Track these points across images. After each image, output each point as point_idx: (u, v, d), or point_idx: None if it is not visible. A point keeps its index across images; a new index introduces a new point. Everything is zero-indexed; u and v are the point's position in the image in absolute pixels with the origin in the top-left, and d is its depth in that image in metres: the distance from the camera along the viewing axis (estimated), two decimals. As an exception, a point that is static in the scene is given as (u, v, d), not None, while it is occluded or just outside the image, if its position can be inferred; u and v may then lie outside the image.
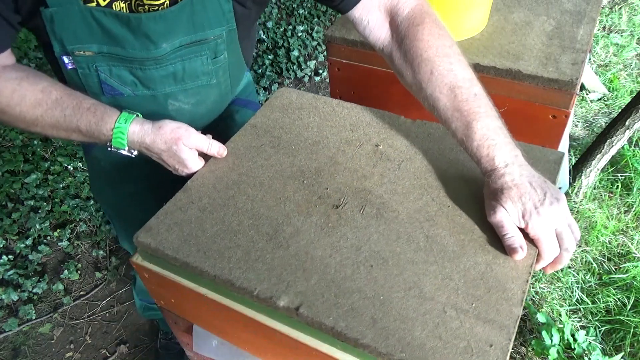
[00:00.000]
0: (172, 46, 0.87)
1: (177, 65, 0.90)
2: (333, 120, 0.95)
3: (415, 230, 0.74)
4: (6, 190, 2.00)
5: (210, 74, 0.95)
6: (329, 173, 0.84)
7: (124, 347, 1.83)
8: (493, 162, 0.71)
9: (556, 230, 0.68)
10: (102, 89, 0.90)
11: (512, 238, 0.68)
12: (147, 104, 0.94)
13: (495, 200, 0.70)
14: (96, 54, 0.85)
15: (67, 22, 0.80)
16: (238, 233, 0.76)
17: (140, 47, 0.85)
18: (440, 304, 0.64)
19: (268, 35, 2.87)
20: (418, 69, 0.78)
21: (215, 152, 0.87)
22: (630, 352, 1.62)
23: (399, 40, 0.82)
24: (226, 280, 0.69)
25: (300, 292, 0.67)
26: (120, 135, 0.83)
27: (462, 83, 0.75)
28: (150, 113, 0.92)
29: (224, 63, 0.96)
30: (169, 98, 0.95)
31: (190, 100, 0.98)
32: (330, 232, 0.75)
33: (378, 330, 0.62)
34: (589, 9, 1.18)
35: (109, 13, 0.80)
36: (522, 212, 0.68)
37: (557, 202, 0.67)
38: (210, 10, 0.86)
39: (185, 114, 0.99)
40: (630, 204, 2.07)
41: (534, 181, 0.69)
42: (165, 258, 0.74)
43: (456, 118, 0.74)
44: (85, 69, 0.87)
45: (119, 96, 0.92)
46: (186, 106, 0.98)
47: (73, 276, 2.02)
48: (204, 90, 0.98)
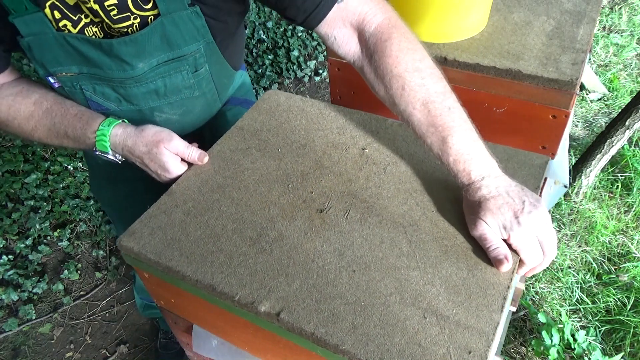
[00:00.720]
0: (150, 65, 0.87)
1: (158, 82, 0.91)
2: (320, 123, 0.95)
3: (398, 235, 0.73)
4: (6, 190, 2.01)
5: (192, 87, 0.96)
6: (314, 177, 0.84)
7: (124, 347, 1.84)
8: (470, 176, 0.71)
9: (538, 237, 0.67)
10: (88, 105, 0.92)
11: (497, 250, 0.67)
12: (134, 117, 0.94)
13: (475, 214, 0.70)
14: (77, 74, 0.87)
15: (44, 48, 0.82)
16: (221, 237, 0.76)
17: (117, 68, 0.86)
18: (421, 310, 0.64)
19: (268, 35, 2.86)
20: (390, 85, 0.77)
21: (196, 158, 0.88)
22: (630, 352, 1.61)
23: (369, 56, 0.81)
24: (208, 285, 0.69)
25: (281, 298, 0.67)
26: (102, 138, 0.84)
27: (434, 97, 0.74)
28: (138, 124, 0.92)
29: (206, 75, 0.96)
30: (154, 111, 0.96)
31: (176, 112, 0.98)
32: (314, 237, 0.74)
33: (358, 336, 0.62)
34: (589, 9, 1.17)
35: (81, 39, 0.82)
36: (503, 223, 0.67)
37: (535, 209, 0.66)
38: (182, 28, 0.85)
39: (173, 123, 1.00)
40: (630, 204, 2.06)
41: (511, 191, 0.68)
42: (148, 262, 0.74)
43: (431, 133, 0.74)
44: (70, 87, 0.89)
45: (106, 111, 0.93)
46: (173, 117, 0.99)
47: (73, 276, 2.03)
48: (189, 101, 0.98)
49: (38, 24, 0.79)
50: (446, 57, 1.03)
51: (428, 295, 0.65)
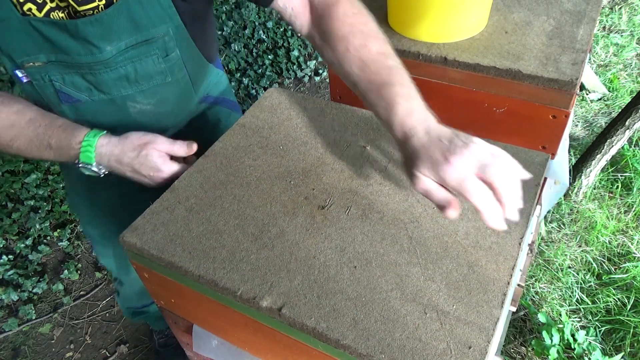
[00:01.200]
0: (118, 48, 0.86)
1: (128, 67, 0.89)
2: (321, 121, 0.95)
3: (399, 231, 0.74)
4: (6, 190, 2.01)
5: (164, 72, 0.94)
6: (315, 174, 0.84)
7: (124, 347, 1.84)
8: (403, 130, 0.68)
9: (480, 175, 0.60)
10: (59, 98, 0.90)
11: (439, 198, 0.64)
12: (107, 109, 0.93)
13: (412, 168, 0.66)
14: (46, 63, 0.85)
15: (9, 35, 0.81)
16: (223, 233, 0.76)
17: (84, 52, 0.84)
18: (421, 305, 0.64)
19: (268, 35, 2.87)
20: (335, 47, 0.79)
21: (185, 148, 0.88)
22: (630, 352, 1.61)
23: (317, 21, 0.83)
24: (210, 281, 0.70)
25: (283, 293, 0.67)
26: (88, 148, 0.84)
27: (376, 57, 0.75)
28: (112, 117, 0.93)
29: (177, 60, 0.94)
30: (127, 100, 0.94)
31: (150, 101, 0.96)
32: (315, 233, 0.75)
33: (359, 331, 0.62)
34: (589, 9, 1.17)
35: (47, 22, 0.81)
36: (436, 169, 0.62)
37: (466, 145, 0.61)
38: (149, 8, 0.84)
39: (148, 114, 0.98)
40: (630, 204, 2.06)
41: (442, 136, 0.64)
42: (151, 258, 0.75)
43: (370, 90, 0.73)
44: (39, 80, 0.87)
45: (77, 103, 0.91)
46: (147, 107, 0.97)
47: (73, 276, 2.03)
48: (162, 89, 0.97)
49: (1, 9, 0.78)
50: (446, 57, 1.04)
51: (429, 291, 0.66)
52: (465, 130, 0.92)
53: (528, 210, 0.75)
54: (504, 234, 0.72)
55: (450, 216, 0.63)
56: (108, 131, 0.88)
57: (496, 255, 0.69)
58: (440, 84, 1.08)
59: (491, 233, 0.72)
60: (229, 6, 2.79)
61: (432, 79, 1.08)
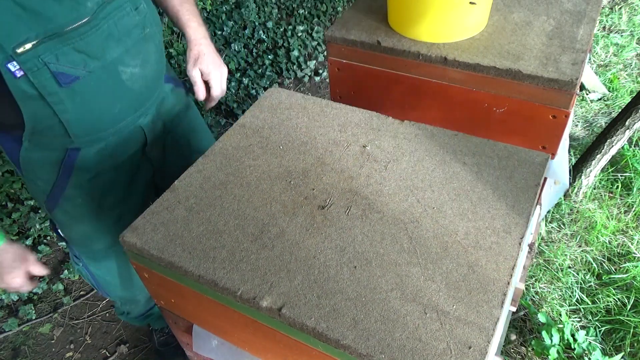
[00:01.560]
0: (97, 3, 0.90)
1: (110, 23, 0.93)
2: (321, 121, 0.95)
3: (399, 231, 0.74)
4: (6, 190, 2.01)
5: (139, 25, 0.99)
6: (315, 174, 0.84)
7: (124, 347, 1.83)
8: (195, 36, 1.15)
9: None
10: (58, 81, 0.89)
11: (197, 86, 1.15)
12: (103, 80, 0.95)
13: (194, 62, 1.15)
14: (36, 44, 0.84)
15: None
16: (224, 233, 0.76)
17: (69, 11, 0.86)
18: (421, 305, 0.64)
19: (268, 35, 2.87)
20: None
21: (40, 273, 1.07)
22: (630, 352, 1.61)
23: None
24: (210, 281, 0.70)
25: (283, 293, 0.67)
26: None
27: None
28: (109, 90, 0.96)
29: (146, 14, 1.01)
30: (118, 65, 0.96)
31: (136, 62, 1.00)
32: (315, 233, 0.75)
33: (359, 331, 0.62)
34: (589, 9, 1.18)
35: None
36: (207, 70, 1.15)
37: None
38: None
39: (137, 79, 1.02)
40: (630, 204, 2.06)
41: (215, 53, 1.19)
42: (151, 258, 0.75)
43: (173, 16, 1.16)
44: (33, 67, 0.85)
45: (76, 81, 0.91)
46: (135, 69, 1.01)
47: (73, 276, 2.03)
48: (143, 46, 1.01)
49: None
50: (446, 57, 1.04)
51: (429, 291, 0.66)
52: (466, 130, 0.92)
53: (528, 210, 0.75)
54: (504, 234, 0.72)
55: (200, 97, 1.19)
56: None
57: (496, 255, 0.69)
58: (440, 84, 1.08)
59: (491, 233, 0.72)
60: (229, 6, 2.79)
61: (432, 79, 1.08)
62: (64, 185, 1.07)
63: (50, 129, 0.94)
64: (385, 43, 1.09)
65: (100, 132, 1.01)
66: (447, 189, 0.80)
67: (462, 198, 0.77)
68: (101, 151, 1.05)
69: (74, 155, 1.02)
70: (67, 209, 1.13)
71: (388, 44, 1.09)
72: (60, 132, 0.96)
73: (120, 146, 1.07)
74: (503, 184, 0.80)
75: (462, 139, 0.89)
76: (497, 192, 0.79)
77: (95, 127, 1.00)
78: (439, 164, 0.84)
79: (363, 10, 1.23)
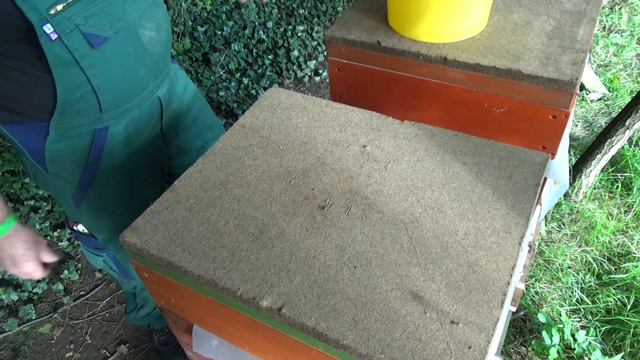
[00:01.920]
0: None
1: None
2: (321, 121, 0.95)
3: (399, 231, 0.74)
4: (6, 190, 2.01)
5: None
6: (315, 174, 0.84)
7: (124, 347, 1.83)
8: None
9: None
10: (90, 43, 0.92)
11: None
12: (128, 42, 0.98)
13: None
14: (66, 6, 0.87)
15: None
16: (224, 233, 0.76)
17: None
18: (421, 305, 0.64)
19: (268, 35, 2.87)
20: None
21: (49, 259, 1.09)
22: (630, 352, 1.61)
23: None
24: (210, 280, 0.70)
25: (283, 293, 0.67)
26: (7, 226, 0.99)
27: None
28: (133, 52, 0.99)
29: None
30: (138, 28, 1.00)
31: (152, 26, 1.03)
32: (315, 233, 0.75)
33: (359, 331, 0.62)
34: (589, 9, 1.18)
35: None
36: None
37: None
38: None
39: (156, 44, 1.05)
40: (630, 204, 2.06)
41: None
42: (151, 258, 0.75)
43: None
44: (66, 29, 0.88)
45: (105, 42, 0.95)
46: (152, 33, 1.03)
47: (73, 276, 2.03)
48: (155, 11, 1.04)
49: None
50: (446, 57, 1.04)
51: (429, 291, 0.66)
52: (466, 130, 0.92)
53: (528, 210, 0.75)
54: (504, 234, 0.72)
55: None
56: None
57: (496, 255, 0.69)
58: (440, 84, 1.08)
59: (491, 233, 0.72)
60: (229, 6, 2.79)
61: (432, 79, 1.08)
62: (94, 171, 1.10)
63: (82, 101, 0.97)
64: (385, 43, 1.09)
65: (127, 103, 1.04)
66: (447, 189, 0.80)
67: (462, 198, 0.77)
68: (127, 127, 1.08)
69: (103, 135, 1.05)
70: (97, 197, 1.16)
71: (388, 44, 1.09)
72: (92, 104, 0.98)
73: (143, 121, 1.11)
74: (503, 184, 0.80)
75: (462, 139, 0.89)
76: (497, 192, 0.79)
77: (124, 94, 1.03)
78: (439, 164, 0.84)
79: (363, 10, 1.22)
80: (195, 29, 2.64)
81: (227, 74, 2.69)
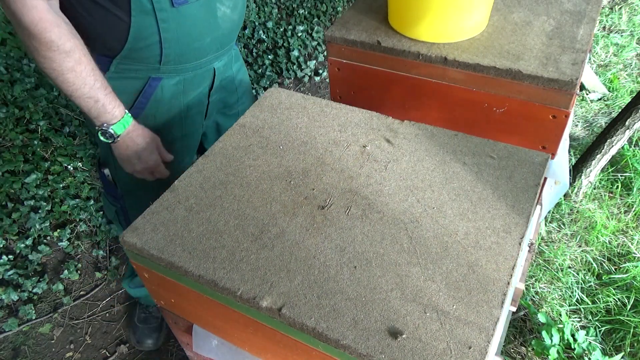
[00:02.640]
0: None
1: None
2: (321, 121, 0.95)
3: (399, 231, 0.74)
4: (6, 190, 2.01)
5: None
6: (316, 174, 0.84)
7: (124, 347, 1.83)
8: None
9: None
10: (172, 1, 0.97)
11: None
12: (203, 11, 1.04)
13: None
14: None
15: None
16: (224, 233, 0.76)
17: None
18: (421, 305, 0.64)
19: (268, 35, 2.87)
20: None
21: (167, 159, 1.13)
22: (630, 352, 1.61)
23: None
24: (210, 281, 0.70)
25: (283, 293, 0.67)
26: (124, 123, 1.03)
27: None
28: (205, 21, 1.05)
29: None
30: (217, 2, 1.07)
31: (229, 4, 1.10)
32: (315, 233, 0.75)
33: (359, 331, 0.62)
34: (589, 9, 1.18)
35: None
36: None
37: None
38: None
39: (227, 20, 1.11)
40: (630, 204, 2.06)
41: None
42: (151, 258, 0.75)
43: None
44: None
45: (184, 5, 1.00)
46: (227, 10, 1.10)
47: (73, 276, 2.03)
48: None
49: None
50: (446, 57, 1.04)
51: (429, 291, 0.66)
52: (466, 130, 0.92)
53: (528, 210, 0.75)
54: (504, 234, 0.72)
55: None
56: None
57: (496, 255, 0.69)
58: (440, 84, 1.08)
59: (491, 233, 0.72)
60: (229, 6, 2.78)
61: (432, 79, 1.08)
62: (136, 115, 1.13)
63: (147, 49, 1.03)
64: (385, 43, 1.09)
65: (186, 63, 1.10)
66: (447, 189, 0.80)
67: (462, 198, 0.77)
68: (178, 85, 1.13)
69: (155, 84, 1.11)
70: None
71: (388, 44, 1.09)
72: (154, 54, 1.04)
73: (194, 84, 1.17)
74: (503, 184, 0.80)
75: (462, 139, 0.89)
76: (497, 192, 0.79)
77: (185, 55, 1.08)
78: (439, 164, 0.84)
79: (363, 10, 1.22)
80: (195, 29, 2.64)
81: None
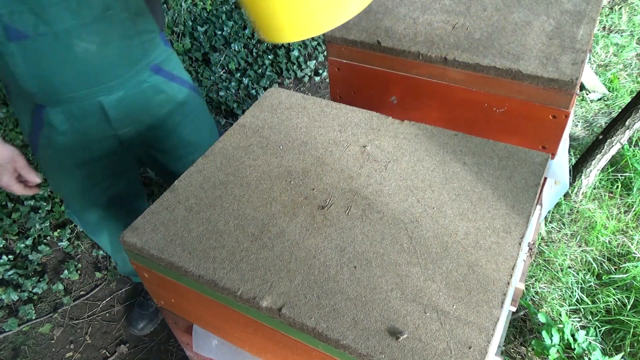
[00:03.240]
0: None
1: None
2: (321, 121, 0.95)
3: (399, 231, 0.74)
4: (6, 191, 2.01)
5: (101, 4, 0.97)
6: (315, 174, 0.84)
7: (124, 347, 1.83)
8: None
9: None
10: (7, 35, 0.93)
11: None
12: (53, 46, 0.97)
13: None
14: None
15: None
16: (224, 233, 0.76)
17: None
18: (421, 305, 0.64)
19: (268, 36, 2.87)
20: None
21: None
22: (630, 352, 1.61)
23: None
24: (210, 281, 0.70)
25: (283, 293, 0.67)
26: None
27: None
28: (59, 57, 0.98)
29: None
30: (72, 37, 0.98)
31: (94, 39, 1.00)
32: (315, 233, 0.75)
33: (359, 331, 0.62)
34: (589, 9, 1.17)
35: None
36: None
37: None
38: None
39: (94, 56, 1.02)
40: (630, 204, 2.06)
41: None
42: (151, 258, 0.75)
43: None
44: None
45: (24, 40, 0.95)
46: (92, 46, 1.01)
47: (73, 276, 2.03)
48: (105, 26, 1.00)
49: None
50: (446, 57, 1.04)
51: (429, 291, 0.66)
52: (466, 130, 0.92)
53: (528, 210, 0.75)
54: (504, 234, 0.72)
55: None
56: None
57: (496, 255, 0.69)
58: (440, 84, 1.08)
59: (491, 233, 0.72)
60: (229, 6, 2.79)
61: (432, 79, 1.08)
62: (37, 134, 1.15)
63: (7, 80, 1.04)
64: (385, 43, 1.09)
65: (55, 95, 1.06)
66: (447, 189, 0.80)
67: (462, 198, 0.77)
68: (66, 113, 1.10)
69: (40, 111, 1.10)
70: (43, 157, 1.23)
71: (388, 44, 1.09)
72: (17, 85, 1.03)
73: (83, 116, 1.12)
74: (503, 184, 0.80)
75: (462, 139, 0.89)
76: (497, 192, 0.79)
77: (48, 89, 1.04)
78: (439, 164, 0.84)
79: (363, 10, 1.22)
80: (195, 29, 2.64)
81: (227, 74, 2.69)
